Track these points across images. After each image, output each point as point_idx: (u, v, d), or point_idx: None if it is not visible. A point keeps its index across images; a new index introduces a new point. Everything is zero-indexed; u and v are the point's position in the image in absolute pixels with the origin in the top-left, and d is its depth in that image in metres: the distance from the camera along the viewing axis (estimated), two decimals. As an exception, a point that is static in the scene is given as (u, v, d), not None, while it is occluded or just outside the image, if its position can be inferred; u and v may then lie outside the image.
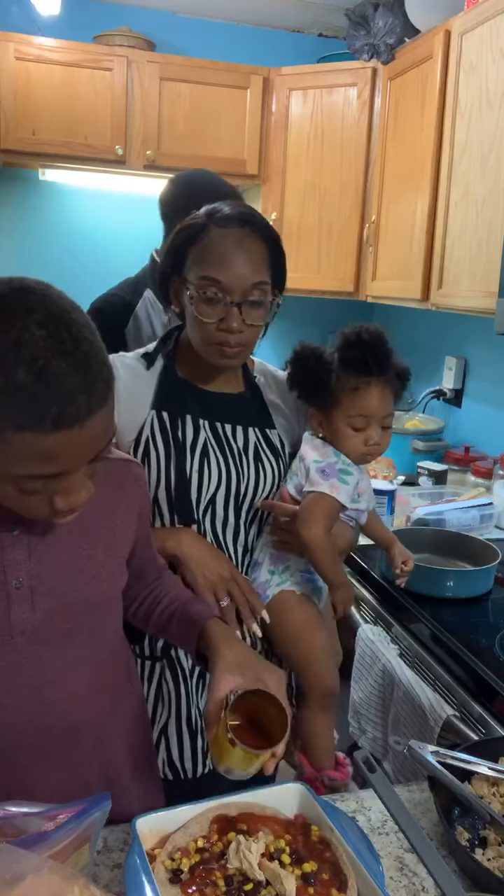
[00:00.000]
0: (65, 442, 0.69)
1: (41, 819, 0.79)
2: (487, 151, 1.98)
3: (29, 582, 0.86)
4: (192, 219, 1.21)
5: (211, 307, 1.16)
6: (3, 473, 0.71)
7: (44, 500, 0.75)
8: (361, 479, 1.31)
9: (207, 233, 1.17)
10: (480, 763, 0.99)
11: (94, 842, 0.79)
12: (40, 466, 0.70)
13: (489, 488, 2.28)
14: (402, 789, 1.02)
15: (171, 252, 1.22)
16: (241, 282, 1.15)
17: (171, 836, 0.81)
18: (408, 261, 2.41)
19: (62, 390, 0.67)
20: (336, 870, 0.78)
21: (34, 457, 0.69)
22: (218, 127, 2.83)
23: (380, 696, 1.63)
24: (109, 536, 0.95)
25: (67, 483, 0.74)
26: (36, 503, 0.75)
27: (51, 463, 0.70)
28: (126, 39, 2.76)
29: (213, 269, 1.15)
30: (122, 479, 0.99)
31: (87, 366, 0.69)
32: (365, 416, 1.25)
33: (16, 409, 0.66)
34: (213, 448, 1.26)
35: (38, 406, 0.67)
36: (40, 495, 0.74)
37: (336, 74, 2.77)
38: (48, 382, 0.67)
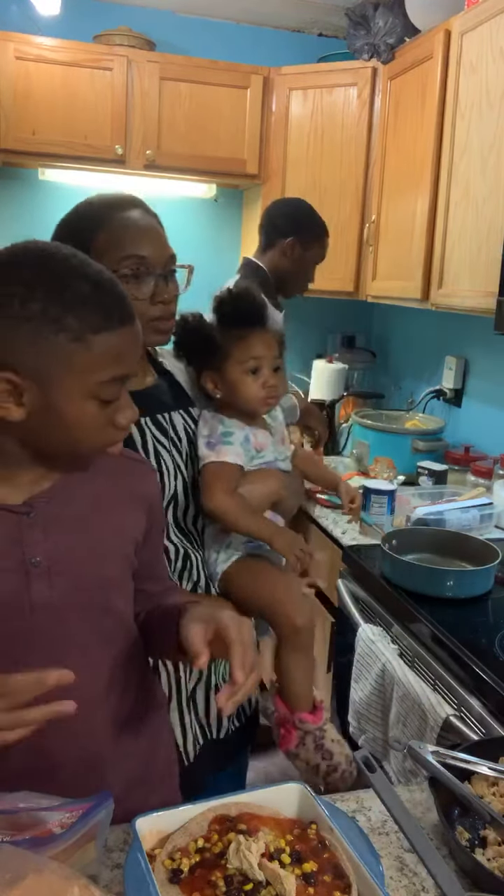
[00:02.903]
0: (128, 337, 0.82)
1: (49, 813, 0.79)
2: (487, 151, 1.98)
3: (46, 561, 0.89)
4: (83, 211, 1.20)
5: (140, 284, 1.16)
6: (88, 386, 0.80)
7: (107, 422, 0.84)
8: (255, 435, 1.38)
9: (111, 218, 1.17)
10: (480, 763, 0.99)
11: (100, 840, 0.80)
12: (115, 367, 0.81)
13: (489, 488, 2.28)
14: (402, 789, 1.02)
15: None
16: (161, 252, 1.18)
17: (171, 836, 0.81)
18: (408, 261, 2.41)
19: (116, 294, 0.82)
20: (338, 871, 0.78)
21: (110, 357, 0.80)
22: (218, 127, 2.83)
23: (380, 696, 1.63)
24: (117, 525, 0.98)
25: (124, 394, 0.85)
26: (102, 422, 0.84)
27: (124, 361, 0.82)
28: (126, 39, 2.76)
29: (134, 247, 1.16)
30: (130, 475, 1.02)
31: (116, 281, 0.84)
32: (256, 357, 1.34)
33: (90, 314, 0.79)
34: (161, 443, 1.28)
35: (104, 309, 0.80)
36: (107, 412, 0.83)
37: (336, 74, 2.77)
38: (105, 290, 0.81)
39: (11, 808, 0.81)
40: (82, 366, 0.79)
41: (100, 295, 0.80)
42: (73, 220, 1.22)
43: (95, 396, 0.81)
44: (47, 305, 0.77)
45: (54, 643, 0.91)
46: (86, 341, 0.78)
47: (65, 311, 0.78)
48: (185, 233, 3.17)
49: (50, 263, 0.80)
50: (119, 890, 0.78)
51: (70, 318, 0.78)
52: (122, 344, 0.81)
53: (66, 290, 0.78)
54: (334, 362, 3.07)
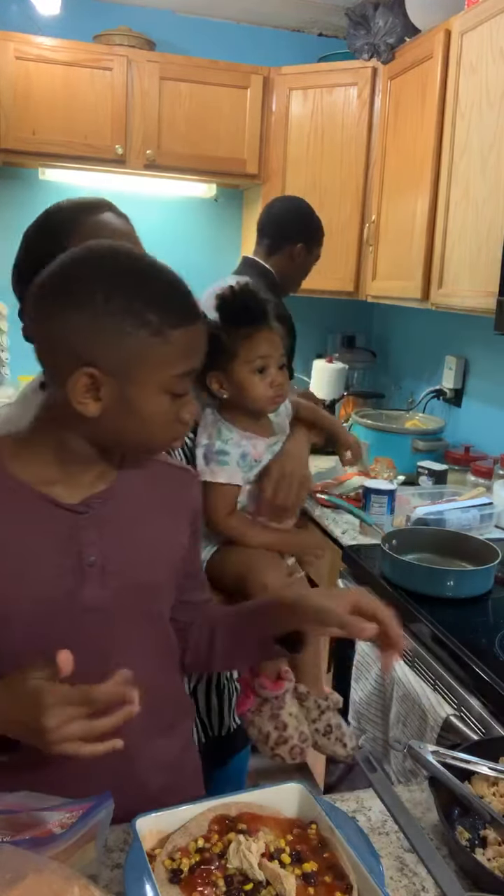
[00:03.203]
0: (198, 333, 0.85)
1: (49, 813, 0.79)
2: (487, 151, 1.98)
3: (100, 561, 0.90)
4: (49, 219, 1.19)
5: None
6: (164, 380, 0.83)
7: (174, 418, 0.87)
8: (254, 446, 1.37)
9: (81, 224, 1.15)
10: (480, 763, 0.99)
11: (100, 840, 0.80)
12: (188, 361, 0.85)
13: (489, 488, 2.28)
14: (402, 789, 1.02)
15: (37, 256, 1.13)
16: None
17: (171, 836, 0.81)
18: (408, 261, 2.41)
19: (187, 292, 0.85)
20: (338, 871, 0.78)
21: (185, 351, 0.84)
22: (218, 126, 2.83)
23: (380, 696, 1.63)
24: (166, 531, 0.99)
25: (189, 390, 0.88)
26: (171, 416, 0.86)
27: (193, 357, 0.85)
28: (126, 39, 2.76)
29: None
30: (177, 482, 1.03)
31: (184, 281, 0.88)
32: (263, 356, 1.33)
33: (168, 310, 0.82)
34: None
35: (180, 305, 0.84)
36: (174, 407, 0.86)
37: (336, 74, 2.77)
38: (178, 287, 0.85)
39: (11, 808, 0.81)
40: (160, 360, 0.82)
41: (174, 292, 0.84)
42: (43, 226, 1.19)
43: (169, 390, 0.84)
44: (130, 301, 0.80)
45: (101, 646, 0.91)
46: (164, 336, 0.81)
47: (146, 306, 0.80)
48: (185, 233, 3.18)
49: (126, 262, 0.83)
50: (119, 890, 0.78)
51: (150, 313, 0.80)
52: (194, 339, 0.85)
53: (145, 287, 0.81)
54: (334, 362, 3.07)
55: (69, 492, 0.89)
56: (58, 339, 0.82)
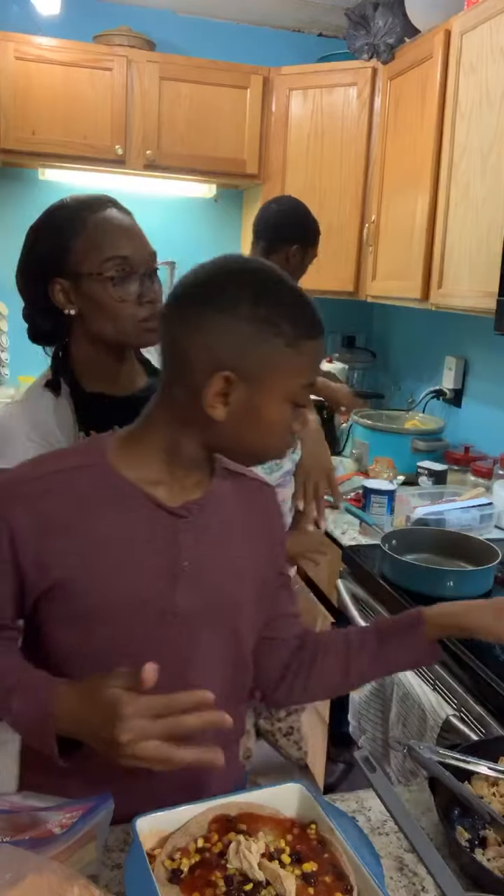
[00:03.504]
0: (322, 347, 0.89)
1: (49, 813, 0.79)
2: (487, 151, 1.98)
3: (194, 567, 0.91)
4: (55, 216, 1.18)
5: (126, 286, 1.14)
6: (290, 389, 0.86)
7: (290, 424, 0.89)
8: None
9: (86, 221, 1.15)
10: (480, 763, 0.99)
11: (99, 841, 0.80)
12: (312, 373, 0.88)
13: (489, 488, 2.28)
14: (402, 789, 1.02)
15: (43, 255, 1.18)
16: (143, 251, 1.16)
17: (171, 836, 0.81)
18: (408, 260, 2.41)
19: (314, 307, 0.88)
20: (338, 872, 0.78)
21: (311, 363, 0.88)
22: (218, 127, 2.83)
23: (380, 696, 1.63)
24: (249, 544, 0.99)
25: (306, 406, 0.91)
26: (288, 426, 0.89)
27: (315, 369, 0.89)
28: (126, 39, 2.76)
29: (115, 248, 1.14)
30: (258, 494, 1.04)
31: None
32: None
33: (301, 322, 0.85)
34: None
35: (309, 318, 0.86)
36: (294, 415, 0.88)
37: (336, 74, 2.77)
38: (307, 301, 0.87)
39: (11, 809, 0.81)
40: (290, 369, 0.85)
41: (305, 305, 0.86)
42: (47, 223, 1.19)
43: (293, 400, 0.87)
44: (271, 310, 0.83)
45: (183, 654, 0.91)
46: (297, 346, 0.84)
47: (283, 317, 0.83)
48: (185, 233, 3.18)
49: (264, 273, 0.86)
50: (119, 890, 0.78)
51: (286, 323, 0.83)
52: (319, 352, 0.89)
53: (283, 298, 0.85)
54: (334, 362, 3.07)
55: (171, 495, 0.90)
56: (196, 343, 0.84)
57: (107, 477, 0.89)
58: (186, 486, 0.92)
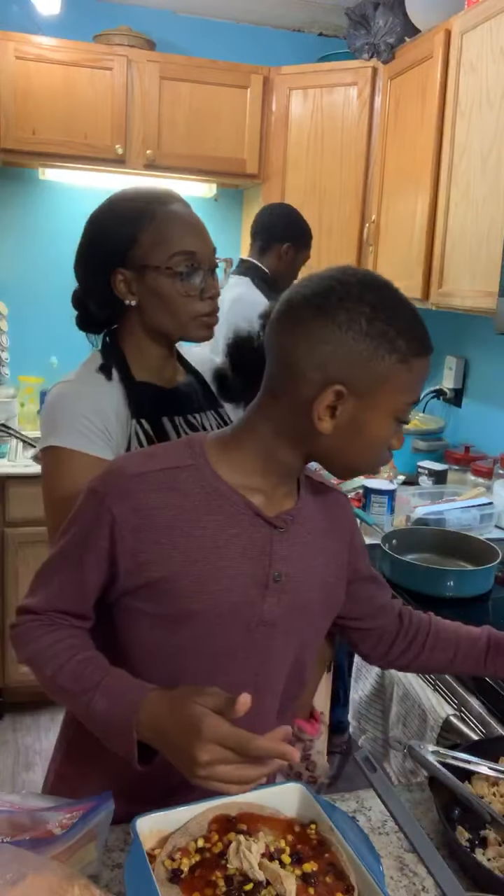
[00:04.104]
0: (428, 365, 0.88)
1: (49, 813, 0.79)
2: (487, 151, 1.98)
3: (284, 577, 0.92)
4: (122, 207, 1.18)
5: (191, 281, 1.15)
6: (397, 405, 0.86)
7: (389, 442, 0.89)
8: None
9: (156, 214, 1.15)
10: (480, 763, 0.99)
11: (99, 841, 0.80)
12: (418, 390, 0.88)
13: (489, 488, 2.28)
14: (402, 789, 1.02)
15: (107, 245, 1.18)
16: (207, 248, 1.18)
17: (171, 836, 0.81)
18: (408, 260, 2.41)
19: (424, 325, 0.87)
20: (338, 872, 0.78)
21: (419, 380, 0.87)
22: (218, 126, 2.83)
23: (380, 696, 1.63)
24: (329, 553, 1.00)
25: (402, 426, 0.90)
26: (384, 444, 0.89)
27: (421, 387, 0.88)
28: (126, 39, 2.76)
29: (184, 243, 1.15)
30: (336, 504, 1.04)
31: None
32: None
33: (414, 339, 0.84)
34: None
35: (423, 336, 0.86)
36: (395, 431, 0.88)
37: (336, 74, 2.77)
38: (419, 319, 0.87)
39: (11, 809, 0.81)
40: (399, 386, 0.84)
41: (418, 323, 0.86)
42: (114, 213, 1.19)
43: (398, 416, 0.86)
44: (387, 327, 0.82)
45: (257, 661, 0.92)
46: (408, 364, 0.84)
47: (398, 334, 0.83)
48: (185, 233, 3.17)
49: (385, 290, 0.86)
50: (119, 890, 0.78)
51: (401, 340, 0.83)
52: (427, 369, 0.88)
53: (399, 315, 0.84)
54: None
55: (268, 504, 0.90)
56: (309, 355, 0.83)
57: (209, 480, 0.88)
58: (279, 496, 0.92)
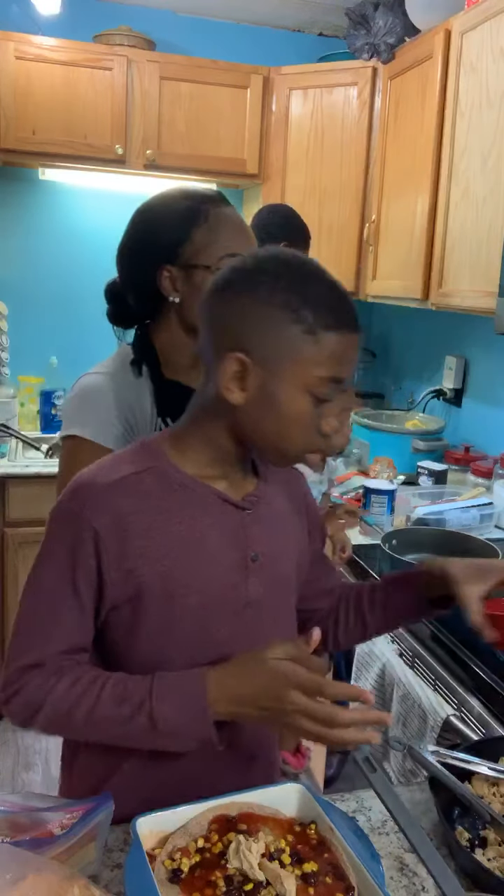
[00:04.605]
0: (350, 344, 0.85)
1: (49, 814, 0.79)
2: (487, 151, 1.98)
3: (262, 557, 0.93)
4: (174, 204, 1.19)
5: None
6: (306, 379, 0.84)
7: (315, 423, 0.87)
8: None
9: (209, 214, 1.17)
10: (480, 763, 0.99)
11: (100, 841, 0.80)
12: (334, 367, 0.84)
13: (489, 488, 2.28)
14: (402, 789, 1.02)
15: (156, 242, 1.19)
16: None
17: (171, 836, 0.81)
18: (408, 260, 2.41)
19: (350, 304, 0.86)
20: (338, 872, 0.78)
21: (333, 356, 0.84)
22: (218, 126, 2.83)
23: (379, 696, 1.63)
24: (292, 526, 1.03)
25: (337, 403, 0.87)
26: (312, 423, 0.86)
27: (341, 365, 0.85)
28: (126, 39, 2.76)
29: (233, 245, 1.16)
30: (292, 480, 1.06)
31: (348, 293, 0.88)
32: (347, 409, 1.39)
33: (324, 312, 0.83)
34: None
35: (339, 310, 0.84)
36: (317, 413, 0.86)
37: (336, 74, 2.77)
38: (342, 296, 0.86)
39: (11, 809, 0.81)
40: (307, 358, 0.83)
41: (335, 298, 0.85)
42: (165, 210, 1.19)
43: (310, 391, 0.84)
44: (290, 296, 0.82)
45: (253, 642, 0.91)
46: (315, 335, 0.83)
47: (304, 304, 0.82)
48: (185, 233, 3.17)
49: (294, 262, 0.86)
50: (119, 890, 0.78)
51: (307, 311, 0.82)
52: (345, 348, 0.85)
53: (307, 287, 0.83)
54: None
55: (231, 489, 0.92)
56: (217, 326, 0.85)
57: (174, 477, 0.89)
58: (239, 480, 0.94)
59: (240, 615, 0.92)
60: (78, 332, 3.04)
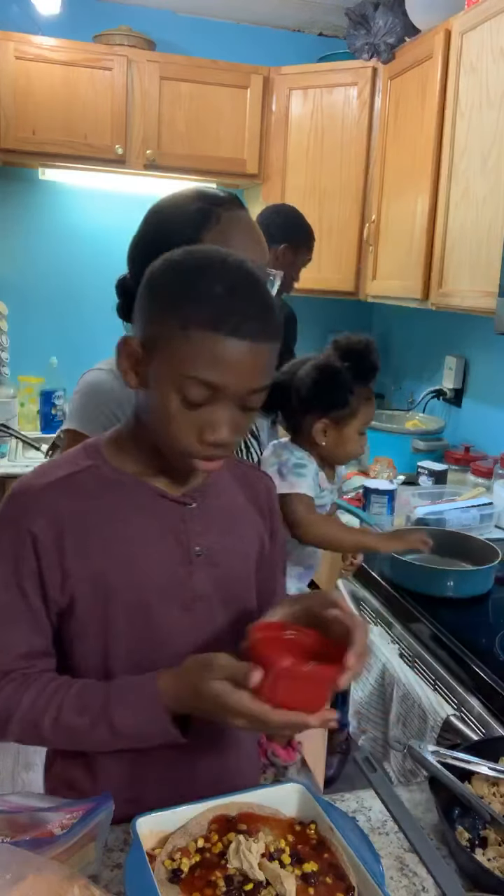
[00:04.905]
0: (235, 352, 0.79)
1: (49, 814, 0.79)
2: (487, 151, 1.98)
3: (206, 552, 0.93)
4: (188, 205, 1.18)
5: None
6: (174, 376, 0.80)
7: (193, 429, 0.82)
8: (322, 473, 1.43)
9: (220, 218, 1.15)
10: (480, 763, 0.99)
11: (99, 841, 0.80)
12: (209, 371, 0.79)
13: (489, 488, 2.28)
14: (402, 789, 1.02)
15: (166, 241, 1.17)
16: (263, 256, 1.19)
17: (171, 836, 0.81)
18: (408, 260, 2.41)
19: (244, 309, 0.79)
20: (338, 872, 0.78)
21: (206, 358, 0.79)
22: (218, 126, 2.83)
23: (380, 696, 1.63)
24: (250, 527, 1.02)
25: (218, 414, 0.82)
26: (186, 428, 0.82)
27: (218, 370, 0.79)
28: (126, 39, 2.76)
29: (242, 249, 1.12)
30: (255, 480, 1.05)
31: (267, 305, 0.82)
32: (370, 420, 1.41)
33: (205, 310, 0.78)
34: None
35: (222, 312, 0.78)
36: (192, 418, 0.82)
37: (336, 74, 2.77)
38: (236, 298, 0.79)
39: (11, 809, 0.81)
40: (178, 354, 0.80)
41: (225, 300, 0.79)
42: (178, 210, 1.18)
43: (179, 390, 0.81)
44: (175, 289, 0.81)
45: (204, 637, 0.93)
46: (187, 332, 0.79)
47: (188, 299, 0.80)
48: (185, 233, 3.17)
49: (207, 259, 0.83)
50: (119, 890, 0.78)
51: (187, 307, 0.79)
52: (224, 354, 0.79)
53: (197, 283, 0.80)
54: (334, 362, 3.06)
55: (173, 485, 0.92)
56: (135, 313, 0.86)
57: (111, 475, 0.90)
58: (184, 475, 0.92)
59: (189, 609, 0.92)
60: (78, 332, 3.04)
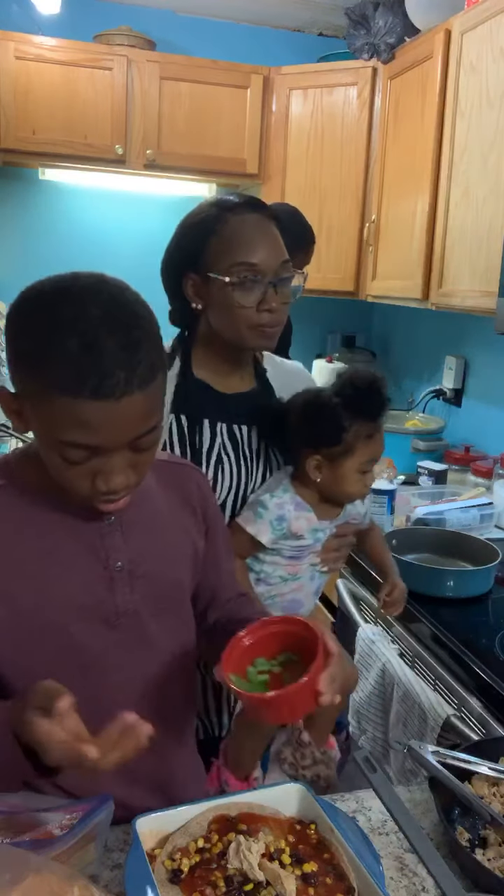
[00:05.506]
0: (101, 413, 0.74)
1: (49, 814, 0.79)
2: (487, 151, 1.98)
3: (128, 566, 0.91)
4: (201, 213, 1.21)
5: (249, 291, 1.17)
6: (50, 438, 0.78)
7: (86, 477, 0.80)
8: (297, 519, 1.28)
9: (225, 222, 1.17)
10: (480, 763, 0.99)
11: (99, 841, 0.80)
12: (78, 434, 0.76)
13: (489, 488, 2.27)
14: (402, 789, 1.02)
15: (182, 249, 1.22)
16: (272, 261, 1.17)
17: (171, 836, 0.81)
18: (408, 260, 2.41)
19: (105, 364, 0.73)
20: (338, 872, 0.78)
21: (73, 423, 0.75)
22: (218, 126, 2.82)
23: (380, 695, 1.63)
24: (181, 528, 1.00)
25: (108, 464, 0.79)
26: (78, 478, 0.80)
27: (88, 433, 0.75)
28: (126, 39, 2.76)
29: (245, 253, 1.16)
30: (179, 478, 1.03)
31: (134, 348, 0.75)
32: (373, 459, 1.27)
33: (61, 373, 0.73)
34: (228, 453, 1.27)
35: (80, 374, 0.73)
36: (82, 469, 0.79)
37: (336, 74, 2.77)
38: (93, 355, 0.73)
39: (11, 809, 0.81)
40: (47, 419, 0.77)
41: (83, 360, 0.73)
42: (194, 218, 1.22)
43: (58, 452, 0.78)
44: (31, 347, 0.76)
45: (137, 650, 0.92)
46: (50, 397, 0.74)
47: (45, 359, 0.74)
48: (185, 232, 3.17)
49: (62, 306, 0.76)
50: (119, 890, 0.78)
51: (45, 369, 0.74)
52: (90, 416, 0.74)
53: (55, 341, 0.74)
54: (334, 362, 3.06)
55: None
56: None
57: (22, 495, 0.88)
58: None
59: (114, 627, 0.90)
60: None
